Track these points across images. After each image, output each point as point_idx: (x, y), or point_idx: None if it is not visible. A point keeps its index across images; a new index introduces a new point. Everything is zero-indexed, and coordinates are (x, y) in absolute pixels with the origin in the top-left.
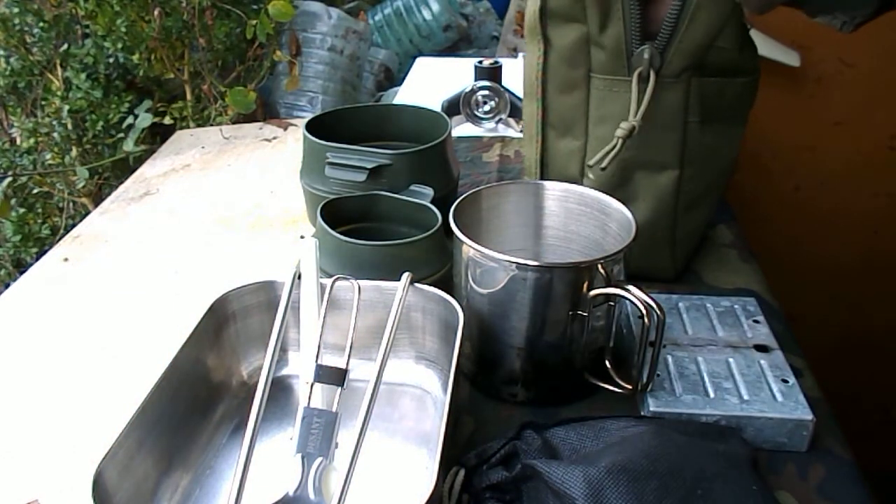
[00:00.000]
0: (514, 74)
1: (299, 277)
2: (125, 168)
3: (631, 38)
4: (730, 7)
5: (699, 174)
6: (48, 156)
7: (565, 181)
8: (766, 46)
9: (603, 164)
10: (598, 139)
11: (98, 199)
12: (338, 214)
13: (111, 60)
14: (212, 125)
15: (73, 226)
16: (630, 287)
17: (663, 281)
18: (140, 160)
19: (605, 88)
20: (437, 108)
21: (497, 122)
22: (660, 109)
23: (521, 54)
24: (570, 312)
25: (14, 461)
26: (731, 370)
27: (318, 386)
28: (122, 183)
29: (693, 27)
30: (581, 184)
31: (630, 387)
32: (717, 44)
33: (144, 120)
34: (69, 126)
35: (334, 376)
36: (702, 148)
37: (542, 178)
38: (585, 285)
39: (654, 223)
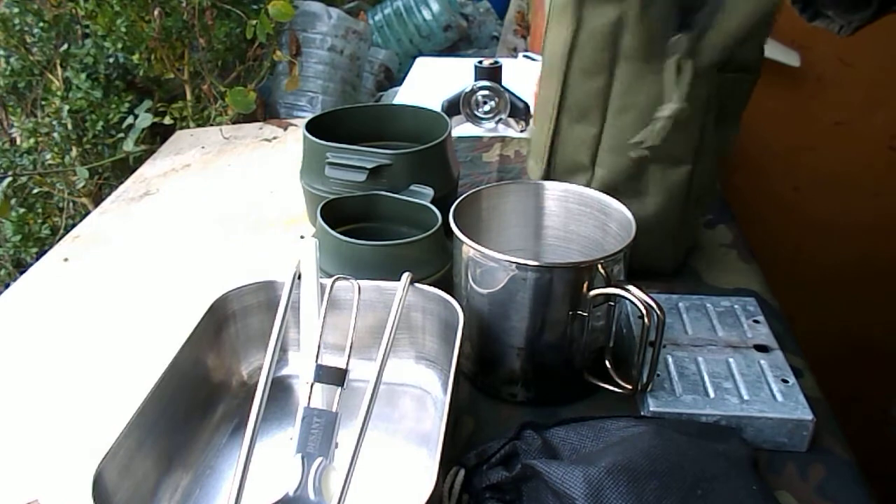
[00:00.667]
0: (515, 74)
1: (299, 277)
2: (125, 168)
3: (668, 24)
4: (768, 4)
5: (708, 169)
6: (48, 156)
7: (573, 169)
8: (766, 46)
9: (651, 142)
10: (618, 129)
11: (98, 199)
12: (338, 214)
13: (111, 60)
14: (212, 125)
15: (73, 226)
16: (630, 287)
17: (662, 275)
18: (140, 160)
19: (633, 76)
20: (437, 108)
21: (497, 122)
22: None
23: (521, 54)
24: (570, 312)
25: (14, 461)
26: (731, 370)
27: (318, 386)
28: (122, 183)
29: (730, 19)
30: (591, 172)
31: (630, 387)
32: (749, 38)
33: (144, 120)
34: (69, 126)
35: (334, 376)
36: (713, 143)
37: (549, 163)
38: (585, 285)
39: (662, 218)
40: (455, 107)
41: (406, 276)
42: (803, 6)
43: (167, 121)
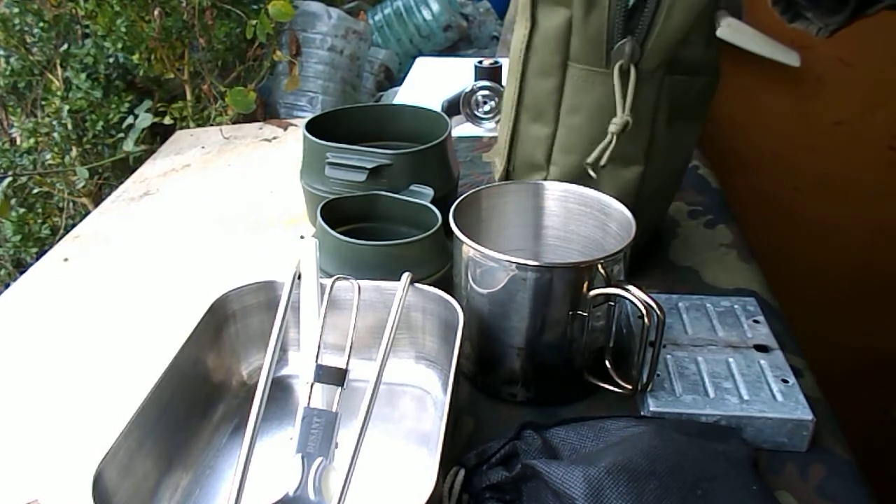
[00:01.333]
0: None
1: (299, 277)
2: (125, 168)
3: (614, 28)
4: (703, 2)
5: (661, 170)
6: (48, 156)
7: (531, 167)
8: (766, 46)
9: (602, 162)
10: (569, 128)
11: (98, 199)
12: (338, 214)
13: (111, 60)
14: (212, 125)
15: (73, 226)
16: (630, 287)
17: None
18: (140, 160)
19: (581, 79)
20: (437, 108)
21: (497, 122)
22: (633, 105)
23: None
24: (570, 312)
25: (14, 461)
26: (731, 370)
27: (318, 386)
28: (122, 183)
29: (671, 19)
30: (546, 171)
31: (630, 387)
32: (690, 39)
33: (144, 120)
34: (69, 126)
35: (334, 376)
36: (666, 145)
37: (510, 160)
38: (585, 285)
39: None
40: (455, 107)
41: (406, 276)
42: (784, 8)
43: (167, 121)
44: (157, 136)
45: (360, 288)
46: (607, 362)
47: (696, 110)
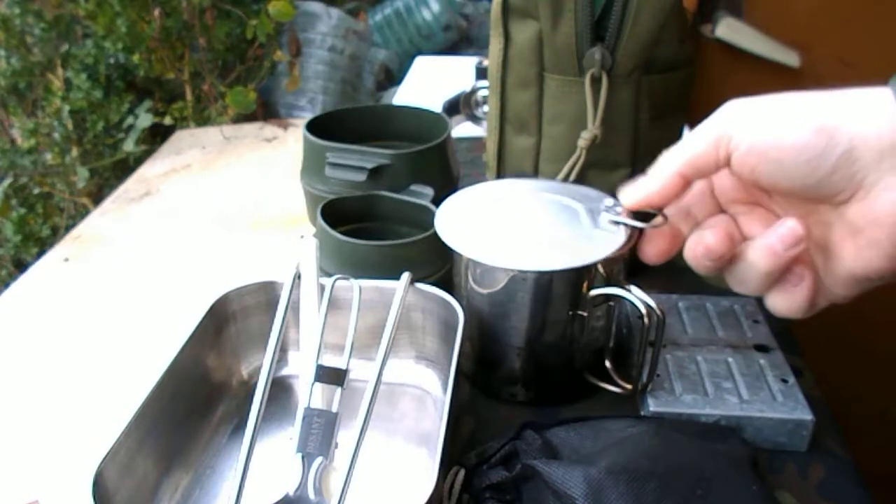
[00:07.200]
0: None
1: (299, 277)
2: (125, 168)
3: (582, 38)
4: (669, 3)
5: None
6: (48, 156)
7: (520, 177)
8: (765, 46)
9: (571, 178)
10: (552, 138)
11: (98, 199)
12: (338, 214)
13: (111, 61)
14: (212, 125)
15: (74, 226)
16: (630, 287)
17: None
18: (140, 160)
19: (558, 88)
20: (437, 108)
21: None
22: (612, 109)
23: None
24: (570, 312)
25: (14, 461)
26: (731, 370)
27: (318, 386)
28: (122, 183)
29: (639, 24)
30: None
31: (630, 387)
32: (663, 39)
33: (144, 120)
34: (69, 126)
35: (334, 376)
36: (652, 143)
37: (500, 172)
38: (585, 285)
39: None
40: (455, 107)
41: (406, 276)
42: None
43: (167, 121)
44: (157, 136)
45: (360, 288)
46: (607, 362)
47: (678, 103)
